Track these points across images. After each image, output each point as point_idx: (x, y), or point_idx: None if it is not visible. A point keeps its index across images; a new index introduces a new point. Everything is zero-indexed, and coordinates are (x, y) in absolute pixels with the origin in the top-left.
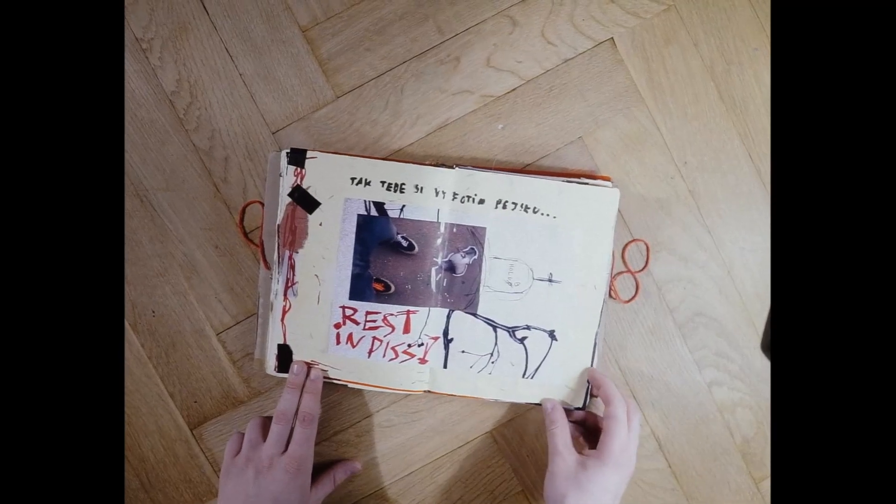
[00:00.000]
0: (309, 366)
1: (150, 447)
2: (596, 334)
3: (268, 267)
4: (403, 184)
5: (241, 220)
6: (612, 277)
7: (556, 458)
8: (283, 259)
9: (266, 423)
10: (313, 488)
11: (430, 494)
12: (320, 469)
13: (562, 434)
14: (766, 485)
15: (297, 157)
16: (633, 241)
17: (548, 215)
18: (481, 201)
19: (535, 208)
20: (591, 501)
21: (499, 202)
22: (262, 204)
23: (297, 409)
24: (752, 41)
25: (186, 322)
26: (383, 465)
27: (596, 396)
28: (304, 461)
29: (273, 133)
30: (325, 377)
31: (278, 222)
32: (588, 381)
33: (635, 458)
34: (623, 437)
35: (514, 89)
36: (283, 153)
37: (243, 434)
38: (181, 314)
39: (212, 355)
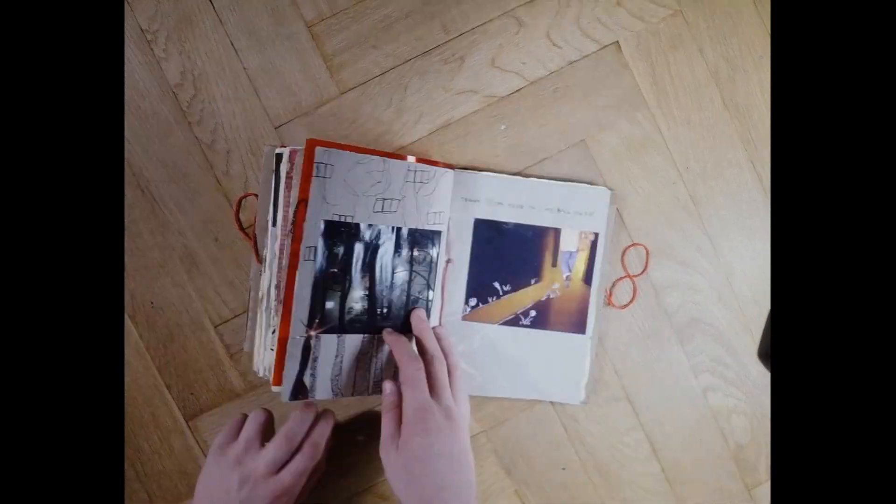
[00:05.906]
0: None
1: (145, 438)
2: (590, 339)
3: (259, 261)
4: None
5: (237, 212)
6: (612, 284)
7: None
8: None
9: (268, 421)
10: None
11: None
12: None
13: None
14: (759, 491)
15: None
16: (633, 245)
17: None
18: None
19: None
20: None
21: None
22: (257, 196)
23: (306, 435)
24: (757, 48)
25: (185, 314)
26: (378, 462)
27: None
28: (292, 494)
29: (276, 128)
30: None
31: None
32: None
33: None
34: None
35: (517, 90)
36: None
37: (242, 421)
38: (180, 306)
39: (209, 348)
